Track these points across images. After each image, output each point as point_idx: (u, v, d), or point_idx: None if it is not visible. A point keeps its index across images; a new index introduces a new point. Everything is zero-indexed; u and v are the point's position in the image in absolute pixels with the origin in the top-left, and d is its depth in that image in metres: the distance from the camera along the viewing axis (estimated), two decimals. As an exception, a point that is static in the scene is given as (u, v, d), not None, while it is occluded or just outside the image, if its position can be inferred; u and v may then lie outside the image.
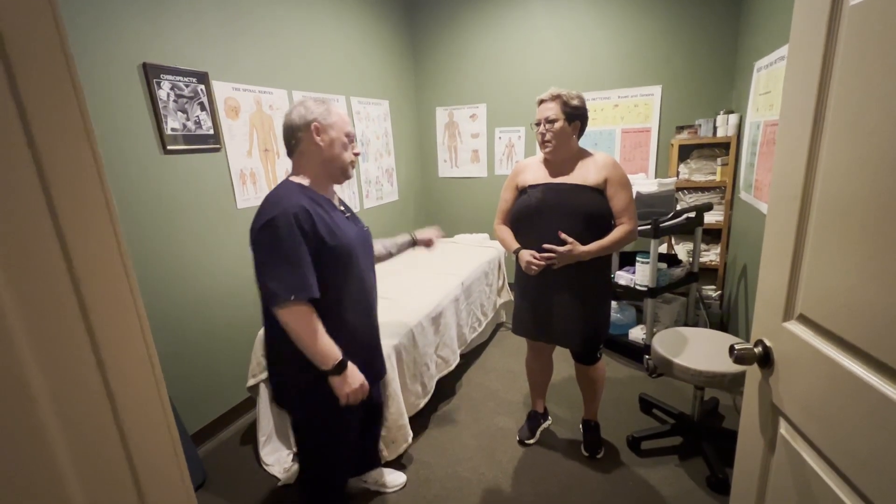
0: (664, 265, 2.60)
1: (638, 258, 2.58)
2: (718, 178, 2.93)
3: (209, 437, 2.17)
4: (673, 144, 3.07)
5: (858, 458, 0.65)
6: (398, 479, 1.82)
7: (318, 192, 1.28)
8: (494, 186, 3.85)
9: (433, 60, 3.86)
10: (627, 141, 3.36)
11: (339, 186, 1.39)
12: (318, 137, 1.24)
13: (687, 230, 2.62)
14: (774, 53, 2.05)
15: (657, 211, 2.47)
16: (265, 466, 1.92)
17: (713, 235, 3.06)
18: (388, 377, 1.78)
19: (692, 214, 2.61)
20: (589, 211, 1.60)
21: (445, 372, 2.30)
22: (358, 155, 1.34)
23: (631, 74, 3.23)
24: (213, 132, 2.12)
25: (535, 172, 1.72)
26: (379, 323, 1.48)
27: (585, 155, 1.67)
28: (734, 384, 1.64)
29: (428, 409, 2.22)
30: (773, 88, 2.07)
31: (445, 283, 2.50)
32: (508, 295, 3.17)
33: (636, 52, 3.17)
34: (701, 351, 1.78)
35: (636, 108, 3.27)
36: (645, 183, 2.49)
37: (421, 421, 2.18)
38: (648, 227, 2.37)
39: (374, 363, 1.46)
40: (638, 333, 2.71)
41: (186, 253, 2.04)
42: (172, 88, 1.93)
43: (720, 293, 2.99)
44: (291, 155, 1.29)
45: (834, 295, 0.69)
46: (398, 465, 1.90)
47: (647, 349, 2.55)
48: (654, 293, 2.49)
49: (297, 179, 1.27)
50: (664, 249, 3.13)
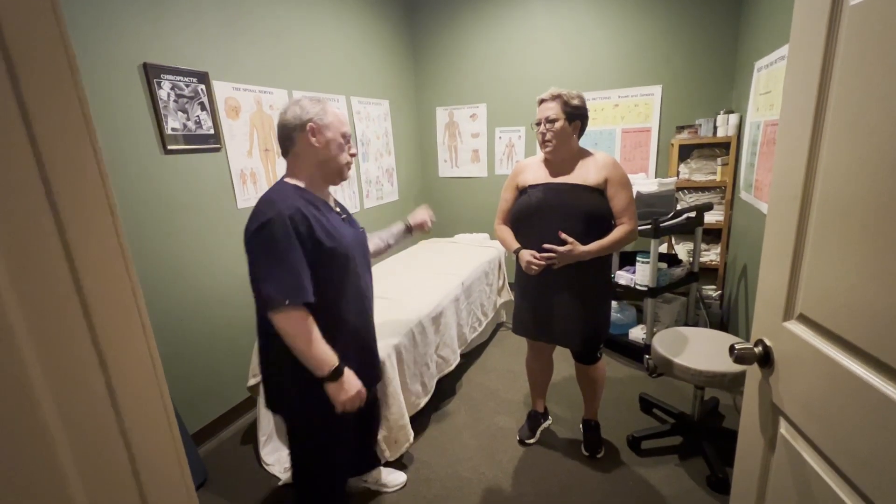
0: (664, 265, 2.60)
1: (638, 258, 2.58)
2: (718, 177, 2.93)
3: (210, 436, 2.18)
4: (673, 144, 3.07)
5: (859, 457, 0.65)
6: (398, 478, 1.82)
7: (313, 193, 1.25)
8: (494, 186, 3.85)
9: (433, 60, 3.86)
10: (628, 141, 3.36)
11: (338, 186, 1.38)
12: (313, 138, 1.21)
13: (687, 230, 2.62)
14: (775, 53, 2.05)
15: (657, 211, 2.47)
16: (265, 466, 1.92)
17: (713, 235, 3.06)
18: (388, 377, 1.78)
19: (692, 214, 2.61)
20: (589, 211, 1.60)
21: (446, 371, 2.30)
22: (354, 156, 1.31)
23: (631, 74, 3.23)
24: (213, 132, 2.12)
25: (535, 172, 1.72)
26: (377, 324, 1.47)
27: (586, 155, 1.67)
28: (734, 384, 1.64)
29: (428, 408, 2.22)
30: (773, 88, 2.07)
31: (446, 282, 2.50)
32: (509, 295, 3.17)
33: (636, 51, 3.17)
34: (701, 351, 1.78)
35: (636, 107, 3.27)
36: (645, 183, 2.49)
37: (421, 421, 2.19)
38: (649, 226, 2.37)
39: (371, 365, 1.46)
40: (638, 333, 2.71)
41: (186, 253, 2.04)
42: (173, 88, 1.93)
43: (720, 293, 2.99)
44: (286, 155, 1.26)
45: (834, 295, 0.69)
46: (398, 464, 1.90)
47: (647, 349, 2.55)
48: (654, 293, 2.49)
49: (292, 181, 1.24)
50: (664, 249, 3.13)
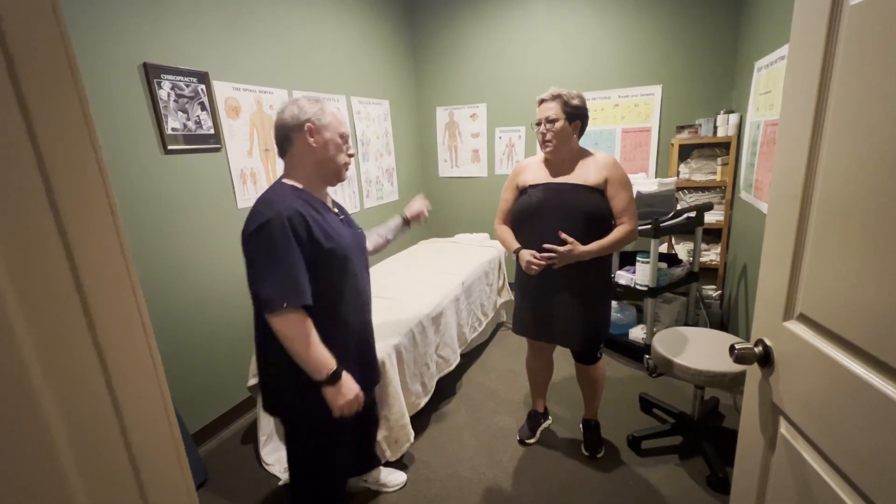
0: (664, 265, 2.60)
1: (638, 258, 2.58)
2: (719, 177, 2.93)
3: (210, 436, 2.18)
4: (673, 144, 3.07)
5: (859, 457, 0.65)
6: (398, 478, 1.82)
7: (311, 194, 1.24)
8: (495, 186, 3.85)
9: (433, 60, 3.86)
10: (628, 140, 3.36)
11: (336, 186, 1.37)
12: (311, 139, 1.20)
13: (687, 230, 2.62)
14: (775, 53, 2.05)
15: (657, 210, 2.47)
16: (266, 466, 1.92)
17: (713, 235, 3.06)
18: (388, 377, 1.78)
19: (692, 214, 2.61)
20: (589, 211, 1.60)
21: (446, 371, 2.30)
22: (352, 156, 1.30)
23: (631, 74, 3.23)
24: (213, 132, 2.12)
25: (535, 172, 1.72)
26: (377, 324, 1.46)
27: (586, 155, 1.67)
28: (734, 384, 1.64)
29: (428, 408, 2.23)
30: (773, 88, 2.07)
31: (446, 282, 2.50)
32: (509, 294, 3.17)
33: (636, 51, 3.17)
34: (701, 350, 1.78)
35: (636, 107, 3.27)
36: (645, 182, 2.49)
37: (421, 420, 2.19)
38: (649, 226, 2.37)
39: (370, 365, 1.46)
40: (638, 333, 2.71)
41: (187, 253, 2.05)
42: (173, 88, 1.93)
43: (720, 293, 2.99)
44: (283, 156, 1.25)
45: (834, 294, 0.69)
46: (399, 464, 1.90)
47: (647, 349, 2.55)
48: (654, 293, 2.49)
49: (289, 181, 1.23)
50: (664, 249, 3.13)
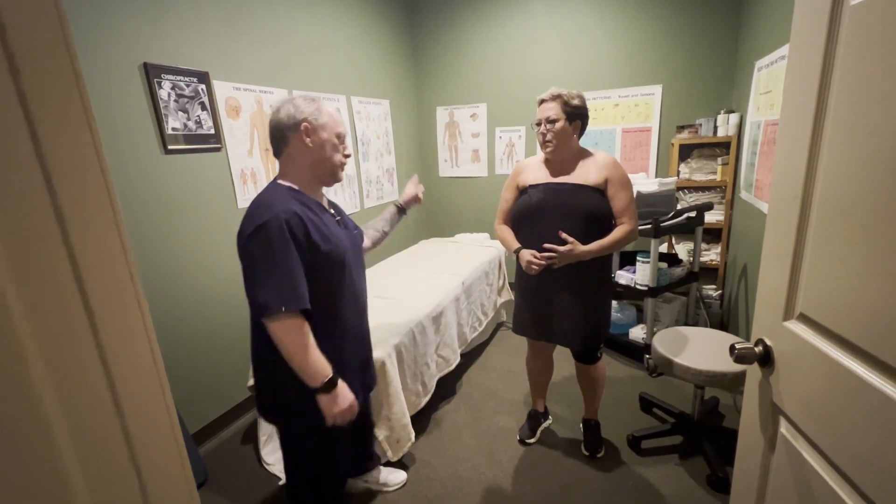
0: (664, 265, 2.60)
1: (638, 258, 2.58)
2: (719, 177, 2.93)
3: (210, 436, 2.18)
4: (673, 144, 3.07)
5: (859, 457, 0.65)
6: (398, 477, 1.82)
7: (307, 194, 1.22)
8: (495, 186, 3.85)
9: (433, 60, 3.86)
10: (628, 140, 3.36)
11: (332, 187, 1.35)
12: (308, 139, 1.17)
13: (687, 230, 2.62)
14: (775, 53, 2.05)
15: (658, 210, 2.47)
16: (266, 466, 1.92)
17: (713, 235, 3.06)
18: (389, 376, 1.78)
19: (692, 214, 2.62)
20: (589, 210, 1.60)
21: (446, 371, 2.30)
22: (349, 157, 1.29)
23: (631, 74, 3.23)
24: (213, 132, 2.12)
25: (535, 172, 1.72)
26: (377, 324, 1.45)
27: (586, 154, 1.67)
28: (734, 383, 1.64)
29: (428, 408, 2.23)
30: (773, 88, 2.07)
31: (446, 282, 2.50)
32: (509, 294, 3.17)
33: (636, 51, 3.17)
34: (701, 350, 1.78)
35: (636, 107, 3.27)
36: (645, 182, 2.49)
37: (421, 420, 2.19)
38: (649, 226, 2.37)
39: (367, 367, 1.45)
40: (638, 333, 2.71)
41: (187, 253, 2.05)
42: (173, 88, 1.93)
43: (720, 293, 3.00)
44: (279, 155, 1.22)
45: (834, 294, 0.69)
46: (399, 463, 1.90)
47: (647, 348, 2.55)
48: (654, 293, 2.49)
49: (285, 182, 1.21)
50: (664, 249, 3.13)
